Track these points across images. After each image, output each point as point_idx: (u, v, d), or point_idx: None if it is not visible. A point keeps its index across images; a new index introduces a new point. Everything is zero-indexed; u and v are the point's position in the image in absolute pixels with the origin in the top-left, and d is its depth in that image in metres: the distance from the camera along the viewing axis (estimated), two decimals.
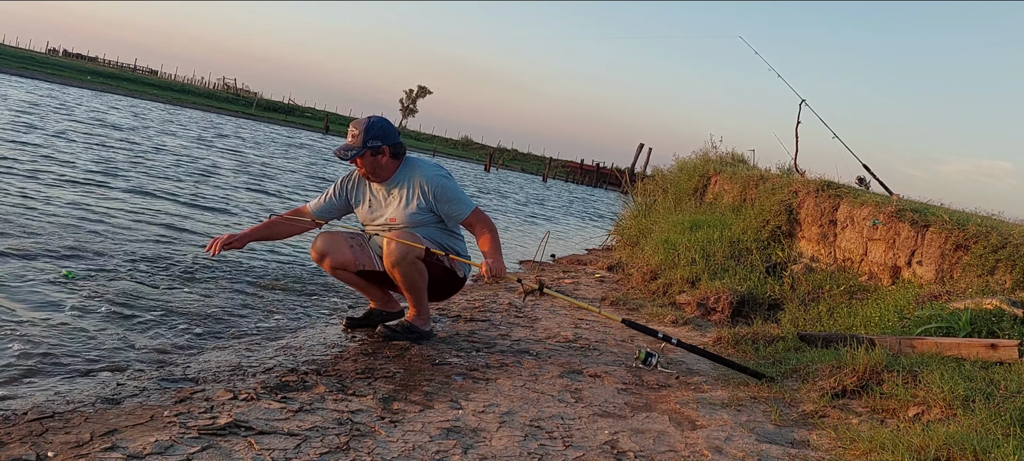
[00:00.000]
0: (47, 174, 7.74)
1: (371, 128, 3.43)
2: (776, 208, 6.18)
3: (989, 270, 4.07)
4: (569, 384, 3.13)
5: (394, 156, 3.49)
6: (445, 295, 3.78)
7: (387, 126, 3.49)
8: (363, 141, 3.40)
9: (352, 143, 3.43)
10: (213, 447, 2.07)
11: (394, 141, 3.48)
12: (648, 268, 6.22)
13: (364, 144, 3.40)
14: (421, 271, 3.45)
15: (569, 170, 72.62)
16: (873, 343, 3.49)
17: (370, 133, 3.41)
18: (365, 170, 3.50)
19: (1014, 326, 3.39)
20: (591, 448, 2.41)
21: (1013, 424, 2.43)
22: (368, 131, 3.41)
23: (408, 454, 2.19)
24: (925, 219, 4.68)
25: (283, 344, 3.40)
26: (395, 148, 3.48)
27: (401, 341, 3.50)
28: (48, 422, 2.17)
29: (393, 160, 3.50)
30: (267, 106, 71.47)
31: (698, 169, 9.03)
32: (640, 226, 8.46)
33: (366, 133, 3.41)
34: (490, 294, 5.26)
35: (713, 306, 4.98)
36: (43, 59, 65.18)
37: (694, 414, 2.88)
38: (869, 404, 2.95)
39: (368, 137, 3.40)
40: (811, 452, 2.55)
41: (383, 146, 3.43)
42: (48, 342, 2.98)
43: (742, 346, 4.00)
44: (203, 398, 2.48)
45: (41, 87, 33.56)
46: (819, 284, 5.08)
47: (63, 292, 3.71)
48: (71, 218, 5.68)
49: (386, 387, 2.80)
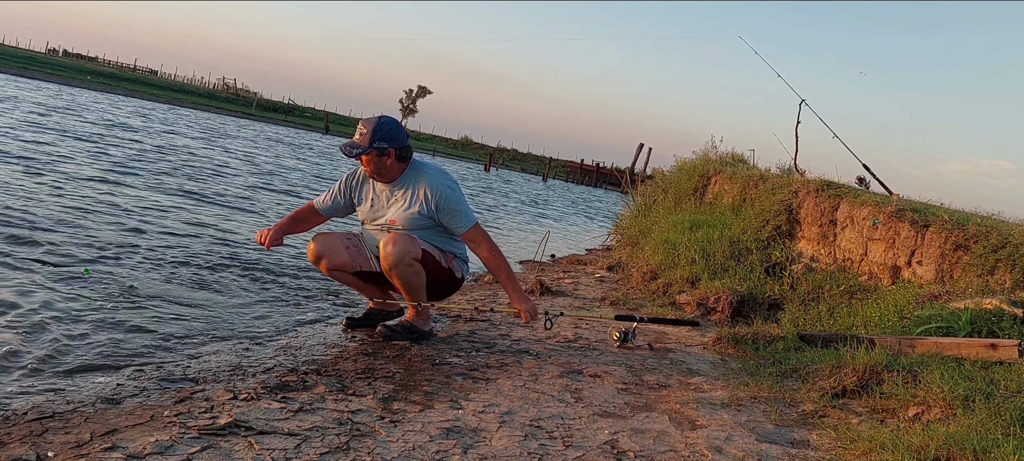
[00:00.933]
0: (65, 172, 7.74)
1: (380, 128, 3.42)
2: (776, 208, 6.18)
3: (989, 270, 4.07)
4: (569, 384, 3.13)
5: (400, 159, 3.49)
6: (443, 295, 3.77)
7: (396, 128, 3.48)
8: (370, 141, 3.40)
9: (359, 142, 3.43)
10: (213, 447, 2.07)
11: (401, 144, 3.47)
12: (648, 268, 6.22)
13: (371, 144, 3.40)
14: (418, 273, 3.44)
15: (569, 170, 72.65)
16: (873, 343, 3.49)
17: (378, 133, 3.41)
18: (370, 169, 3.50)
19: (1014, 326, 3.39)
20: (591, 448, 2.41)
21: (1013, 424, 2.43)
22: (376, 131, 3.41)
23: (408, 454, 2.19)
24: (925, 219, 4.68)
25: (283, 344, 3.40)
26: (401, 151, 3.47)
27: (401, 341, 3.50)
28: (48, 422, 2.17)
29: (399, 163, 3.49)
30: (267, 106, 71.50)
31: (698, 169, 9.03)
32: (640, 226, 8.46)
33: (374, 133, 3.40)
34: (490, 294, 5.25)
35: (713, 306, 4.98)
36: (43, 59, 65.21)
37: (694, 414, 2.88)
38: (869, 404, 2.95)
39: (375, 137, 3.40)
40: (811, 452, 2.55)
41: (389, 148, 3.43)
42: (48, 342, 2.98)
43: (742, 346, 4.00)
44: (203, 398, 2.48)
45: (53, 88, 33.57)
46: (819, 284, 5.08)
47: (68, 290, 3.71)
48: (88, 216, 5.68)
49: (386, 387, 2.80)
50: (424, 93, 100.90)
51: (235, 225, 6.98)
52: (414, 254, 3.38)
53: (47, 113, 17.22)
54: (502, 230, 11.86)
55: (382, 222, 3.54)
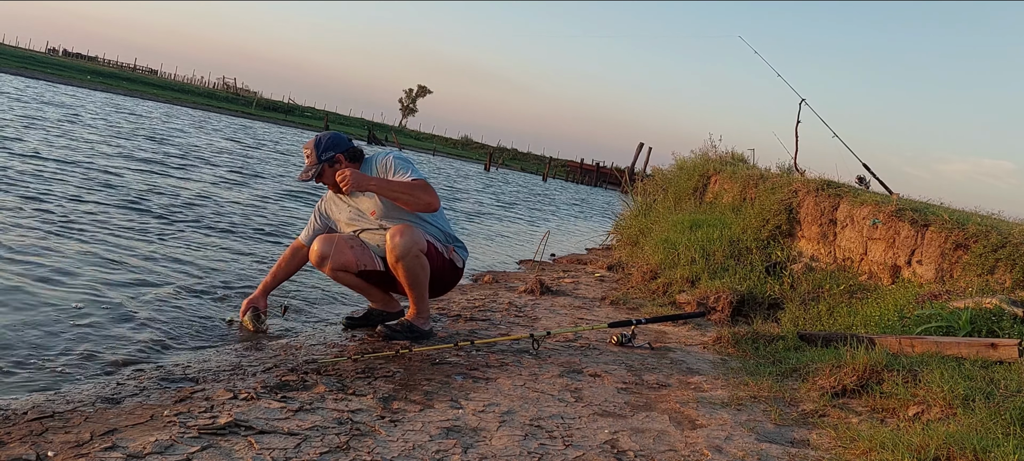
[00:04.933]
0: (87, 176, 7.74)
1: (320, 143, 3.55)
2: (776, 207, 6.18)
3: (989, 269, 4.07)
4: (569, 383, 3.13)
5: (352, 160, 3.59)
6: (446, 288, 3.84)
7: (335, 137, 3.60)
8: (318, 157, 3.51)
9: (309, 164, 3.54)
10: (213, 447, 2.07)
11: (346, 146, 3.58)
12: (648, 267, 6.22)
13: (319, 159, 3.51)
14: (424, 265, 3.49)
15: (569, 169, 72.62)
16: (873, 342, 3.49)
17: (320, 147, 3.53)
18: (331, 185, 3.58)
19: (1014, 325, 3.39)
20: (591, 447, 2.41)
21: (1013, 423, 2.43)
22: (318, 147, 3.53)
23: (408, 453, 2.19)
24: (925, 218, 4.68)
25: (283, 344, 3.40)
26: (350, 153, 3.58)
27: (401, 341, 3.51)
28: (48, 421, 2.17)
29: (352, 164, 3.58)
30: (267, 105, 71.45)
31: (698, 168, 9.03)
32: (640, 225, 8.46)
33: (317, 149, 3.52)
34: (490, 294, 5.26)
35: (713, 305, 4.98)
36: (43, 59, 65.19)
37: (694, 413, 2.88)
38: (869, 403, 2.95)
39: (321, 152, 3.51)
40: (811, 451, 2.55)
41: (336, 155, 3.54)
42: (49, 340, 2.98)
43: (742, 345, 4.00)
44: (203, 397, 2.48)
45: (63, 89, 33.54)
46: (819, 283, 5.08)
47: (68, 289, 3.71)
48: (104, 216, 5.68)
49: (386, 386, 2.80)
50: (424, 93, 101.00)
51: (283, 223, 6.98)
52: (421, 246, 3.44)
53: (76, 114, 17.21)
54: (503, 231, 11.86)
55: (368, 222, 3.58)
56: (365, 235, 3.62)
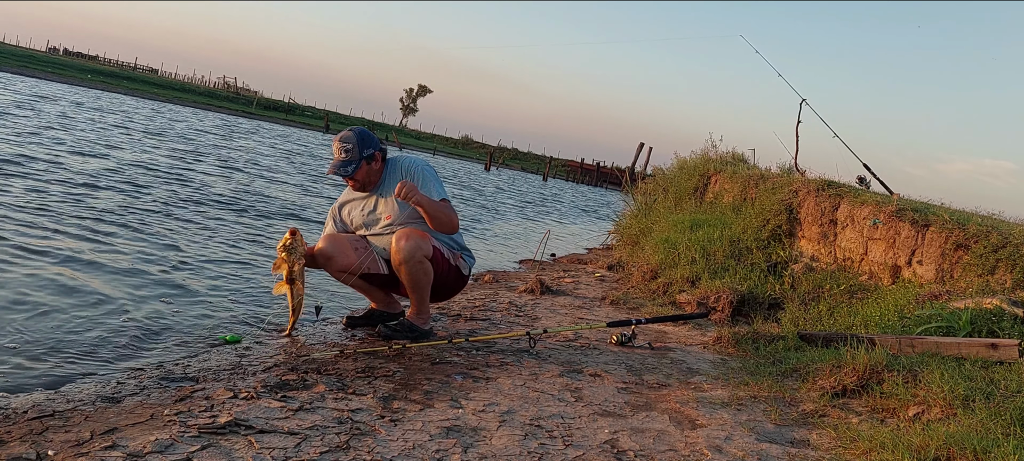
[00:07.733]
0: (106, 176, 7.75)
1: (363, 139, 3.52)
2: (776, 207, 6.17)
3: (989, 269, 4.07)
4: (569, 383, 3.13)
5: (384, 159, 3.62)
6: (451, 294, 3.83)
7: (368, 133, 3.61)
8: (359, 153, 3.50)
9: (349, 158, 3.50)
10: (213, 446, 2.07)
11: (381, 145, 3.61)
12: (648, 267, 6.22)
13: (361, 155, 3.50)
14: (427, 271, 3.48)
15: (569, 169, 72.58)
16: (873, 342, 3.49)
17: (363, 143, 3.51)
18: (360, 182, 3.56)
19: (1014, 325, 3.39)
20: (591, 447, 2.41)
21: (1013, 423, 2.43)
22: (361, 142, 3.51)
23: (408, 453, 2.19)
24: (925, 218, 4.68)
25: (283, 343, 3.40)
26: (384, 152, 3.62)
27: (400, 340, 3.50)
28: (48, 420, 2.17)
29: (383, 164, 3.61)
30: (267, 105, 71.43)
31: (698, 168, 9.03)
32: (640, 225, 8.46)
33: (359, 145, 3.50)
34: (490, 293, 5.26)
35: (713, 305, 4.98)
36: (44, 58, 65.16)
37: (694, 413, 2.88)
38: (869, 403, 2.95)
39: (363, 148, 3.50)
40: (811, 451, 2.55)
41: (375, 152, 3.55)
42: (48, 340, 2.98)
43: (742, 345, 4.00)
44: (203, 397, 2.48)
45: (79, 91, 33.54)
46: (819, 283, 5.08)
47: (65, 289, 3.71)
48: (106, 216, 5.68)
49: (386, 386, 2.80)
50: (424, 92, 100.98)
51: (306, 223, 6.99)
52: (425, 252, 3.43)
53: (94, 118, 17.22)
54: (503, 230, 11.86)
55: (382, 225, 3.57)
56: (373, 238, 3.61)
